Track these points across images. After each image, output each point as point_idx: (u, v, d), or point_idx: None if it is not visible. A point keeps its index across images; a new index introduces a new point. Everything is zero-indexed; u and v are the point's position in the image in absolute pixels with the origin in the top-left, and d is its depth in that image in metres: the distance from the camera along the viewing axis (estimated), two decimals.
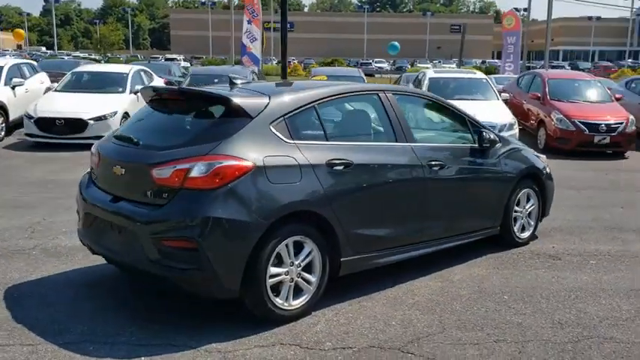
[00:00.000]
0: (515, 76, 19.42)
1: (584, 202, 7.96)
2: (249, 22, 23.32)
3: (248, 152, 3.89)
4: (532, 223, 6.05)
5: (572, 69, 57.39)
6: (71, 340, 3.77)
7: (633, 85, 15.36)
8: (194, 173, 3.74)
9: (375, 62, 61.64)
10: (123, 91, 13.11)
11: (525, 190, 5.86)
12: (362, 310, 4.30)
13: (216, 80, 13.98)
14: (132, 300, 4.47)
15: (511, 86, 15.67)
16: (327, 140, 4.36)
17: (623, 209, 7.63)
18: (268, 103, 4.15)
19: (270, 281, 3.92)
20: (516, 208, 5.79)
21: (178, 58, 60.33)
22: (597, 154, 11.82)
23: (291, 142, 4.11)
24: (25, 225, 6.29)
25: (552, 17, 24.76)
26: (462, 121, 5.44)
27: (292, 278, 4.04)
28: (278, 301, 3.98)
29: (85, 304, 4.36)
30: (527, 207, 5.94)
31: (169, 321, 4.04)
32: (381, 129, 4.81)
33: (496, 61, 69.19)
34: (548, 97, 13.03)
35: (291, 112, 4.21)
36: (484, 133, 5.36)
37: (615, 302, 4.53)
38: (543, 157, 6.33)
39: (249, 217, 3.78)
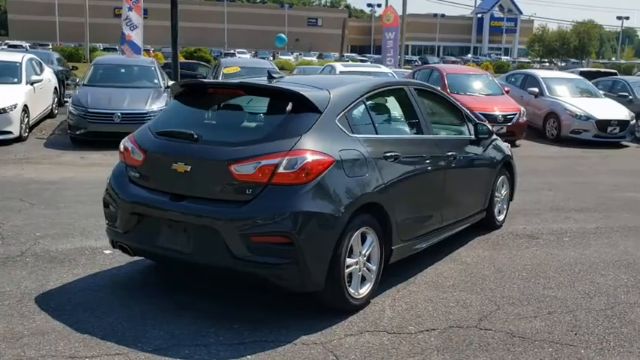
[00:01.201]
0: (407, 71, 20.51)
1: None
2: (129, 8, 22.15)
3: (327, 147, 3.94)
4: (505, 207, 6.64)
5: (422, 63, 61.50)
6: (158, 345, 3.60)
7: (513, 79, 16.96)
8: (282, 169, 3.75)
9: (238, 52, 61.27)
10: (19, 82, 12.09)
11: (502, 176, 6.41)
12: (413, 295, 4.53)
13: (123, 70, 13.33)
14: (182, 299, 4.30)
15: None
16: (377, 134, 4.52)
17: (552, 192, 8.55)
18: (330, 98, 4.22)
19: (345, 272, 4.01)
20: (496, 193, 6.32)
21: (23, 44, 55.46)
22: None
23: (353, 135, 4.22)
24: None
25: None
26: (460, 113, 5.84)
27: (360, 268, 4.17)
28: (351, 290, 4.09)
29: (136, 307, 4.14)
30: (502, 192, 6.51)
31: (242, 318, 3.99)
32: (412, 121, 5.04)
33: (353, 54, 72.00)
34: (448, 90, 13.98)
35: (349, 105, 4.32)
36: (479, 126, 5.81)
37: (614, 273, 5.18)
38: (508, 145, 6.93)
39: (334, 209, 3.85)
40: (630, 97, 15.82)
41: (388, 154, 4.40)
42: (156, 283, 4.73)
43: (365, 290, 4.23)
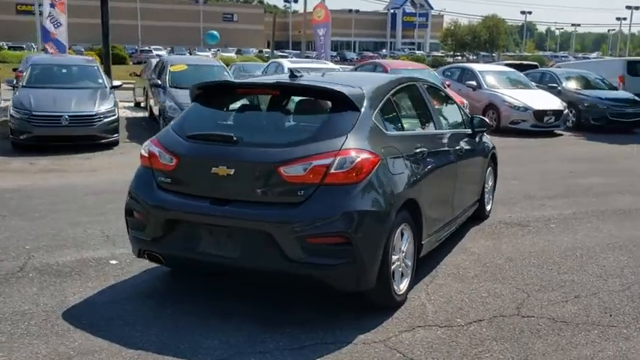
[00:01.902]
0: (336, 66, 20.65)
1: None
2: (52, 5, 21.09)
3: (371, 145, 3.94)
4: (491, 197, 6.87)
5: (340, 59, 62.22)
6: (220, 356, 3.49)
7: (449, 73, 17.51)
8: (334, 169, 3.71)
9: (154, 50, 59.61)
10: None
11: (489, 168, 6.63)
12: (443, 288, 4.60)
13: (64, 71, 12.65)
14: (216, 305, 4.16)
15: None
16: (404, 130, 4.56)
17: (517, 181, 8.92)
18: (365, 95, 4.20)
19: (391, 268, 4.03)
20: (485, 184, 6.53)
21: None
22: None
23: (388, 132, 4.24)
24: None
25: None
26: (457, 107, 5.98)
27: (400, 264, 4.20)
28: (394, 287, 4.11)
29: (173, 317, 3.98)
30: (490, 182, 6.73)
31: (290, 321, 3.93)
32: (428, 117, 5.11)
33: (269, 50, 71.79)
34: None
35: (381, 102, 4.33)
36: (475, 119, 5.98)
37: (613, 255, 5.47)
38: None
39: (385, 207, 3.86)
40: (559, 87, 16.70)
41: (417, 150, 4.45)
42: (179, 289, 4.56)
43: (404, 286, 4.27)
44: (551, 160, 11.20)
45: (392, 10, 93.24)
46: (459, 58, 64.49)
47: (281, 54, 58.80)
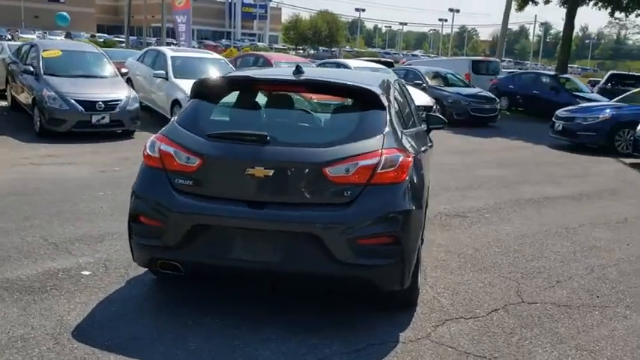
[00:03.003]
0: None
1: None
2: None
3: (404, 143, 3.96)
4: None
5: (204, 47, 60.45)
6: None
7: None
8: (382, 169, 3.67)
9: None
10: None
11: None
12: (440, 281, 4.76)
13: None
14: (234, 311, 3.93)
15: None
16: (407, 128, 4.62)
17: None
18: (382, 93, 4.19)
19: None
20: None
21: None
22: None
23: (405, 131, 4.28)
24: None
25: None
26: (415, 106, 6.17)
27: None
28: (419, 283, 4.18)
29: (199, 328, 3.70)
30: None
31: (326, 323, 3.85)
32: (412, 114, 5.21)
33: (106, 35, 67.73)
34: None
35: (392, 101, 4.34)
36: (432, 117, 6.21)
37: (558, 242, 6.02)
38: None
39: (421, 205, 3.92)
40: (424, 84, 17.82)
41: (423, 149, 4.56)
42: (184, 297, 4.22)
43: (420, 281, 4.36)
44: (438, 154, 11.90)
45: (230, 1, 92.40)
46: (301, 51, 65.80)
47: (119, 39, 55.58)
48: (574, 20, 25.83)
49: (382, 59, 25.79)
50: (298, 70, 4.31)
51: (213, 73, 11.52)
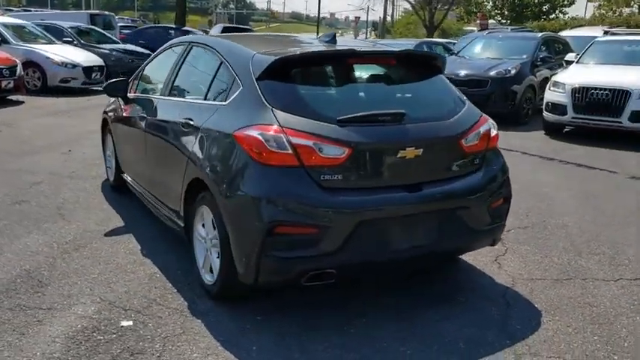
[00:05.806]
0: None
1: None
2: None
3: None
4: None
5: None
6: None
7: None
8: (493, 133, 3.81)
9: None
10: None
11: None
12: (475, 255, 4.40)
13: None
14: (329, 315, 3.44)
15: None
16: None
17: None
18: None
19: None
20: None
21: None
22: None
23: None
24: None
25: None
26: None
27: None
28: None
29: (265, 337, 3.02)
30: None
31: (404, 312, 3.61)
32: None
33: None
34: None
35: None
36: None
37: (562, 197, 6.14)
38: None
39: None
40: (75, 42, 15.69)
41: None
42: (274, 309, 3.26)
43: None
44: None
45: None
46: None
47: None
48: None
49: None
50: (332, 40, 4.08)
51: None
